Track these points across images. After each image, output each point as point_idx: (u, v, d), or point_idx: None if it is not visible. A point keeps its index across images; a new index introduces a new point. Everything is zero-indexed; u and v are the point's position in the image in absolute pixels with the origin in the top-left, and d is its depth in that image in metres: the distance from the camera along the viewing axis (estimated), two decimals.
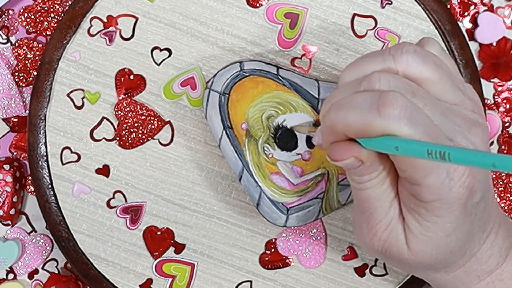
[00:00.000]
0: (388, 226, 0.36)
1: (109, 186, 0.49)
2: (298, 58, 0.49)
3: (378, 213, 0.36)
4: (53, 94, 0.49)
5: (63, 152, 0.49)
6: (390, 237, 0.37)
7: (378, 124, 0.32)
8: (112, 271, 0.49)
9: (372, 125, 0.32)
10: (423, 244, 0.36)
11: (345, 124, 0.34)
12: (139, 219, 0.49)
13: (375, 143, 0.33)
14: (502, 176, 0.52)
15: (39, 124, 0.49)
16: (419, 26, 0.49)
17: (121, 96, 0.49)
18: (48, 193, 0.49)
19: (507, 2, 0.53)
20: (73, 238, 0.49)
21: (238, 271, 0.49)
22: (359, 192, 0.37)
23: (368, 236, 0.37)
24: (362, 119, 0.33)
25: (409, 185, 0.34)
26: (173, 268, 0.49)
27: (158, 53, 0.49)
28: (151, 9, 0.49)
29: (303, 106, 0.45)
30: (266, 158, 0.45)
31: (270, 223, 0.45)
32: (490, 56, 0.52)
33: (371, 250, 0.38)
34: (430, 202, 0.34)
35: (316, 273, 0.49)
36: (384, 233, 0.37)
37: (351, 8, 0.49)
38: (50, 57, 0.49)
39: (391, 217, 0.36)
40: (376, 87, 0.34)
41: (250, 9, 0.49)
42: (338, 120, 0.34)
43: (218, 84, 0.44)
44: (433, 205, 0.34)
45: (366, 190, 0.36)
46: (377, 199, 0.36)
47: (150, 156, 0.49)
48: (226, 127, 0.44)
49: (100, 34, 0.49)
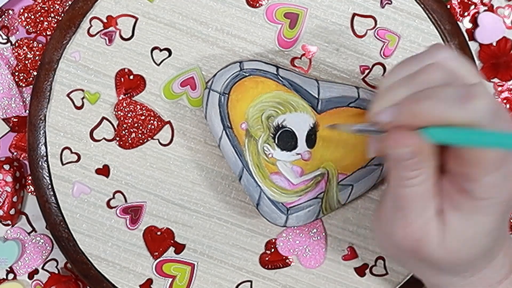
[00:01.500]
0: (425, 224, 0.36)
1: (109, 186, 0.49)
2: (298, 58, 0.49)
3: (417, 211, 0.36)
4: (53, 94, 0.49)
5: (63, 152, 0.49)
6: (425, 235, 0.36)
7: (463, 115, 0.33)
8: (112, 271, 0.49)
9: (460, 117, 0.33)
10: (461, 243, 0.36)
11: (432, 114, 0.34)
12: (139, 219, 0.49)
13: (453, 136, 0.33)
14: None
15: (39, 124, 0.49)
16: (419, 26, 0.49)
17: (121, 96, 0.49)
18: (48, 193, 0.49)
19: (507, 2, 0.53)
20: (73, 238, 0.49)
21: (238, 271, 0.49)
22: (400, 189, 0.36)
23: (402, 232, 0.37)
24: (450, 111, 0.33)
25: (464, 182, 0.35)
26: (173, 268, 0.49)
27: (158, 53, 0.49)
28: (151, 9, 0.49)
29: (303, 106, 0.45)
30: (266, 158, 0.45)
31: (270, 223, 0.45)
32: (490, 56, 0.52)
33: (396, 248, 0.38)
34: (483, 200, 0.35)
35: (316, 273, 0.49)
36: (419, 232, 0.36)
37: (351, 8, 0.49)
38: (50, 57, 0.49)
39: (429, 216, 0.36)
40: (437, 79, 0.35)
41: (250, 9, 0.49)
42: (424, 110, 0.34)
43: (218, 84, 0.44)
44: (484, 203, 0.35)
45: (409, 188, 0.36)
46: (419, 196, 0.36)
47: (150, 156, 0.49)
48: (226, 127, 0.44)
49: (100, 34, 0.49)
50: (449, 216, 0.36)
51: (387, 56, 0.49)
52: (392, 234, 0.38)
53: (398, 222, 0.37)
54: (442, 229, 0.36)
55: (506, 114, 0.34)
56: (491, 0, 0.53)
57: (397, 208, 0.37)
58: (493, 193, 0.34)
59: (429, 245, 0.36)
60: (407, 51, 0.49)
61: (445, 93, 0.34)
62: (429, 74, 0.36)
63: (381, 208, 0.39)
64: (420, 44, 0.49)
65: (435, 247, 0.36)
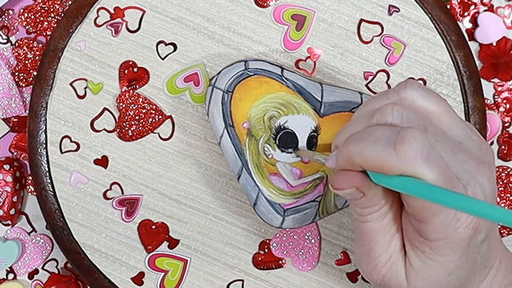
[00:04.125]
0: (388, 260, 0.36)
1: (107, 177, 0.49)
2: (303, 60, 0.49)
3: (378, 247, 0.36)
4: (56, 82, 0.49)
5: (63, 141, 0.49)
6: (390, 271, 0.36)
7: (394, 162, 0.32)
8: (105, 262, 0.49)
9: (389, 163, 0.32)
10: (424, 281, 0.36)
11: (362, 158, 0.33)
12: (135, 212, 0.49)
13: (387, 181, 0.33)
14: (502, 176, 0.52)
15: (40, 112, 0.49)
16: (425, 36, 0.49)
17: (124, 88, 0.49)
18: (46, 180, 0.49)
19: (507, 2, 0.53)
20: (67, 227, 0.49)
21: (231, 270, 0.49)
22: (360, 224, 0.36)
23: (367, 269, 0.37)
24: (380, 156, 0.32)
25: (415, 222, 0.34)
26: (166, 263, 0.49)
27: (163, 47, 0.49)
28: (159, 3, 0.49)
29: (306, 108, 0.45)
30: (266, 159, 0.45)
31: (266, 224, 0.45)
32: (490, 56, 0.53)
33: (370, 281, 0.38)
34: (435, 241, 0.34)
35: (309, 276, 0.49)
36: (384, 268, 0.36)
37: (359, 13, 0.49)
38: (55, 45, 0.49)
39: (392, 252, 0.36)
40: (389, 120, 0.34)
41: (258, 8, 0.49)
42: (356, 153, 0.33)
43: (222, 81, 0.44)
44: (437, 244, 0.34)
45: (366, 223, 0.36)
46: (377, 233, 0.36)
47: (149, 150, 0.49)
48: (228, 125, 0.44)
49: (107, 25, 0.49)
50: (411, 255, 0.36)
51: (392, 64, 0.49)
52: (362, 268, 0.38)
53: (364, 257, 0.37)
54: (407, 267, 0.36)
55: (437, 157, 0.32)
56: (491, 0, 0.53)
57: (360, 243, 0.37)
58: (445, 233, 0.33)
59: (396, 281, 0.36)
60: (412, 59, 0.49)
61: (375, 136, 0.33)
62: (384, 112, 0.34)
63: (354, 243, 0.39)
64: (425, 53, 0.49)
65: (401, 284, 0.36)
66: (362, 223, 0.36)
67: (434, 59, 0.49)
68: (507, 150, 0.53)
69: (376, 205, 0.35)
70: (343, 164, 0.35)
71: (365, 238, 0.37)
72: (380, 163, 0.32)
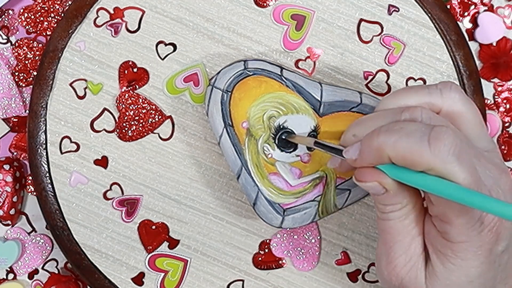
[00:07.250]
0: (407, 262, 0.36)
1: (107, 178, 0.49)
2: (302, 60, 0.49)
3: (398, 247, 0.36)
4: (56, 82, 0.49)
5: (63, 141, 0.49)
6: (409, 274, 0.36)
7: (427, 157, 0.32)
8: (105, 262, 0.49)
9: (421, 157, 0.32)
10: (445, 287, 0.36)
11: (394, 149, 0.33)
12: (135, 212, 0.49)
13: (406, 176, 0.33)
14: None
15: (40, 112, 0.49)
16: (425, 35, 0.49)
17: (124, 89, 0.49)
18: (46, 181, 0.49)
19: (507, 2, 0.53)
20: (67, 228, 0.49)
21: (231, 270, 0.49)
22: (381, 222, 0.37)
23: (386, 270, 0.37)
24: (412, 148, 0.33)
25: (439, 223, 0.34)
26: (166, 263, 0.49)
27: (163, 48, 0.49)
28: (158, 3, 0.49)
29: (305, 108, 0.45)
30: (265, 158, 0.45)
31: (266, 223, 0.45)
32: (490, 56, 0.53)
33: (388, 283, 0.38)
34: (458, 243, 0.34)
35: (309, 276, 0.49)
36: (403, 270, 0.36)
37: (358, 13, 0.49)
38: (55, 45, 0.49)
39: (411, 255, 0.36)
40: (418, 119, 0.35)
41: (257, 8, 0.49)
42: (388, 144, 0.34)
43: (221, 81, 0.44)
44: (460, 247, 0.34)
45: (388, 221, 0.36)
46: (398, 233, 0.36)
47: (149, 150, 0.49)
48: (227, 125, 0.44)
49: (106, 25, 0.49)
50: (433, 259, 0.36)
51: (392, 63, 0.49)
52: (381, 269, 0.38)
53: (384, 257, 0.37)
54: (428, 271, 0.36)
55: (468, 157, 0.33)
56: (491, 0, 0.53)
57: (382, 242, 0.37)
58: (468, 235, 0.33)
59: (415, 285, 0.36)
60: (412, 59, 0.49)
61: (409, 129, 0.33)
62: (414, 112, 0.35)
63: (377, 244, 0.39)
64: (425, 53, 0.49)
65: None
66: (384, 220, 0.36)
67: (434, 59, 0.49)
68: (507, 150, 0.53)
69: (398, 204, 0.36)
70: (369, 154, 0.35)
71: (386, 237, 0.37)
72: (411, 155, 0.33)
